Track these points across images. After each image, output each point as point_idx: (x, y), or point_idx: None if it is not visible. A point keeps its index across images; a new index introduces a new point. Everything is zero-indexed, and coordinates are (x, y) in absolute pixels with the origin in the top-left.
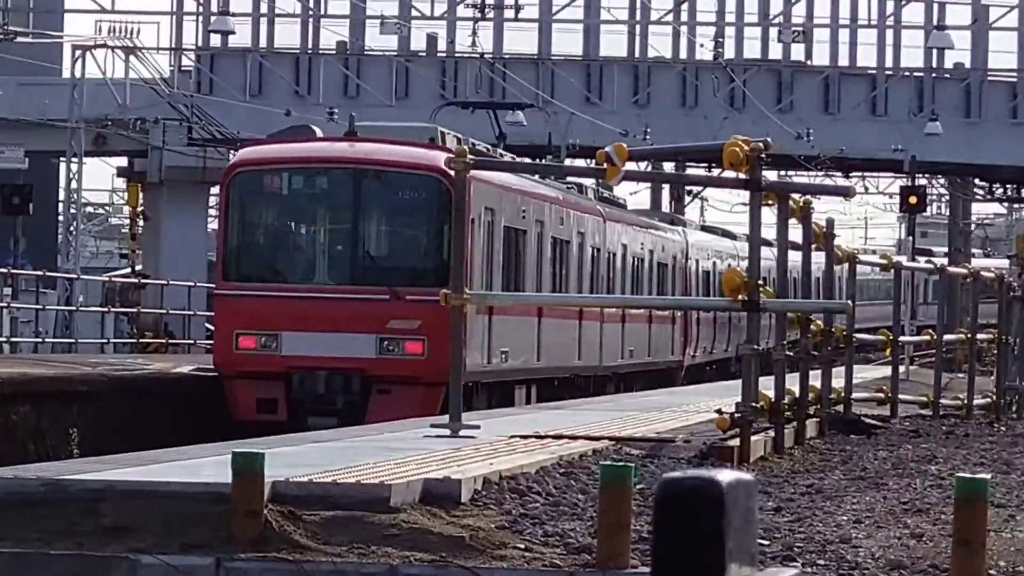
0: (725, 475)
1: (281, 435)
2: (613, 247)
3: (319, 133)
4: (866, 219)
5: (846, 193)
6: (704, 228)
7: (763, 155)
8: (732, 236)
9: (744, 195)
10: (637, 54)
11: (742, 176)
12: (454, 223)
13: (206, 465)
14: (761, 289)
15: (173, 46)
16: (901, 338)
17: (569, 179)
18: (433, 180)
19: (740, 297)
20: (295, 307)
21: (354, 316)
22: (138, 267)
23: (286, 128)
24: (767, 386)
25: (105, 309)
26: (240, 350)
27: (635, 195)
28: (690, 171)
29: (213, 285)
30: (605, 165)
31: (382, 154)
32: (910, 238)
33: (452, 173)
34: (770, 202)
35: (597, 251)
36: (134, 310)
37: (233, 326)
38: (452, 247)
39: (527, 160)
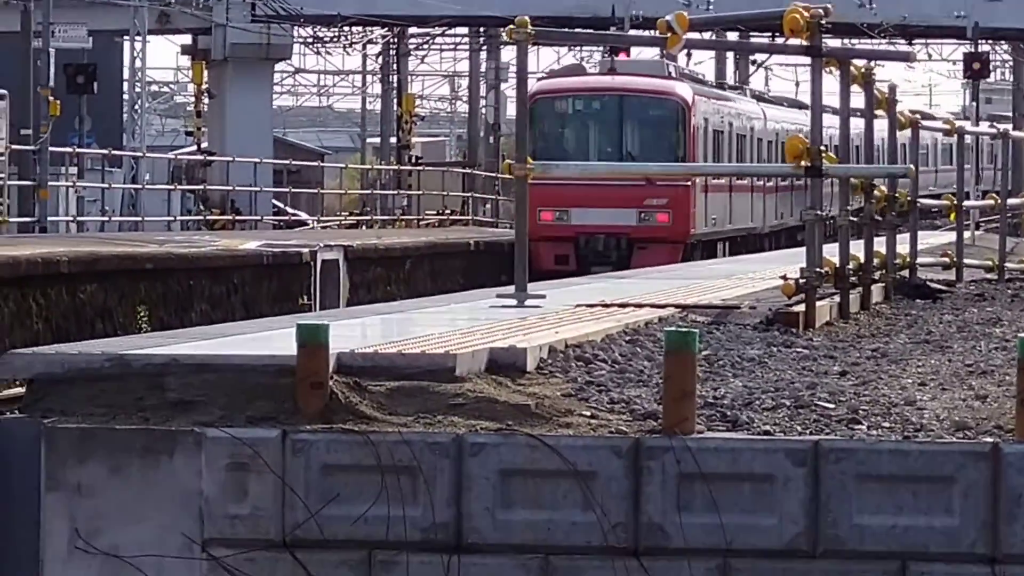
0: None
1: (348, 308)
2: (767, 135)
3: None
4: (930, 86)
5: (907, 58)
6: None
7: (823, 21)
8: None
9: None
10: None
11: (803, 43)
12: (517, 94)
13: (273, 338)
14: (823, 155)
15: None
16: (965, 203)
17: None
18: (672, 102)
19: (802, 163)
20: (581, 191)
21: (621, 197)
22: (204, 144)
23: (561, 68)
24: (833, 253)
25: (171, 187)
26: (541, 221)
27: (700, 64)
28: (753, 40)
29: (279, 161)
30: (666, 34)
31: (637, 85)
32: (974, 104)
33: (687, 98)
34: (831, 69)
35: (759, 140)
36: (200, 187)
37: (536, 204)
38: (516, 122)
39: (590, 31)
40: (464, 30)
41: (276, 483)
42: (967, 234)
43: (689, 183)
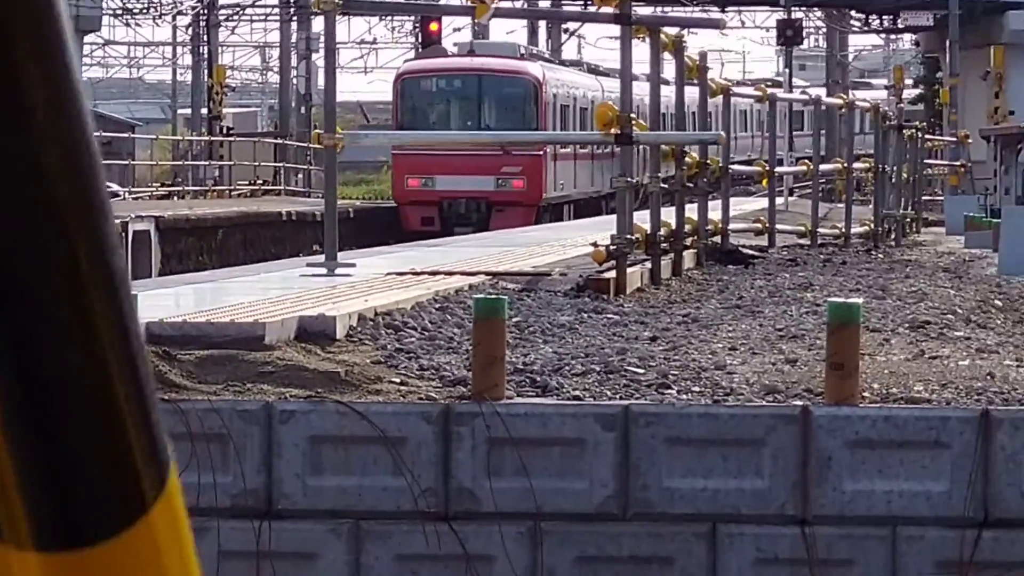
0: None
1: (159, 278)
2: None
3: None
4: (743, 53)
5: (717, 25)
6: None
7: None
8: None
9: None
10: None
11: (613, 11)
12: (326, 64)
13: None
14: (634, 122)
15: None
16: (777, 169)
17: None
18: (526, 80)
19: (613, 130)
20: (445, 161)
21: (481, 165)
22: None
23: (425, 51)
24: (645, 220)
25: None
26: (409, 187)
27: (512, 34)
28: (565, 8)
29: None
30: (474, 3)
31: (494, 65)
32: (787, 71)
33: (539, 76)
34: (642, 36)
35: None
36: None
37: (404, 172)
38: (325, 92)
39: (399, 0)
40: (274, 0)
41: None
42: (780, 200)
43: (540, 152)
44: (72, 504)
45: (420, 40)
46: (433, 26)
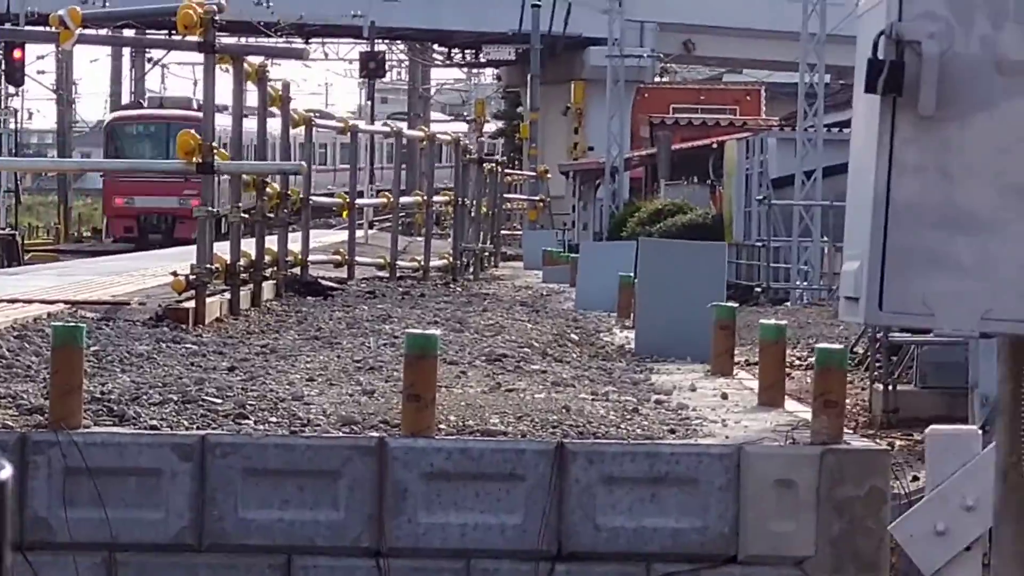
0: None
1: None
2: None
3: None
4: (326, 85)
5: (300, 56)
6: None
7: (218, 18)
8: None
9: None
10: None
11: (197, 39)
12: None
13: None
14: (215, 152)
15: None
16: (357, 201)
17: None
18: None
19: (195, 159)
20: (142, 186)
21: (168, 189)
22: None
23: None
24: (226, 250)
25: None
26: (116, 205)
27: (96, 63)
28: (149, 36)
29: None
30: (58, 29)
31: (175, 114)
32: (369, 103)
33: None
34: (225, 66)
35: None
36: None
37: (112, 194)
38: None
39: None
40: None
41: None
42: (360, 232)
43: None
44: None
45: (3, 67)
46: (17, 53)
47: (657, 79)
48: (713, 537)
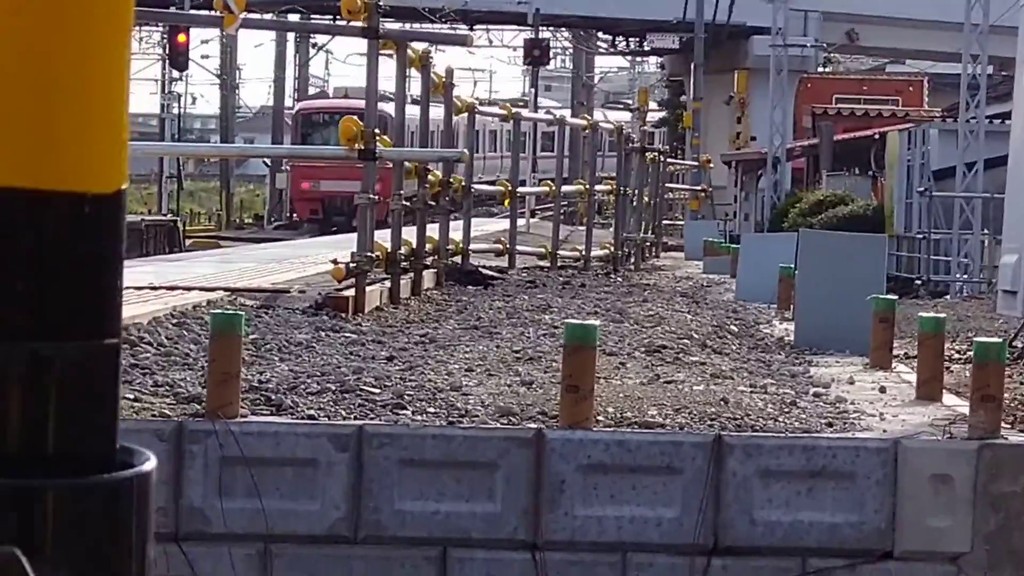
0: None
1: None
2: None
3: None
4: (490, 72)
5: (463, 42)
6: None
7: (382, 3)
8: None
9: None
10: None
11: (361, 25)
12: None
13: None
14: (378, 138)
15: None
16: (519, 189)
17: None
18: (382, 115)
19: (357, 146)
20: (327, 171)
21: (352, 174)
22: None
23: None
24: (387, 237)
25: None
26: (302, 188)
27: (259, 47)
28: (313, 21)
29: None
30: (223, 13)
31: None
32: (533, 90)
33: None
34: (388, 52)
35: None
36: None
37: (300, 178)
38: None
39: (147, 8)
40: None
41: None
42: (521, 221)
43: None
44: None
45: (168, 52)
46: (181, 37)
47: (820, 69)
48: (869, 532)
